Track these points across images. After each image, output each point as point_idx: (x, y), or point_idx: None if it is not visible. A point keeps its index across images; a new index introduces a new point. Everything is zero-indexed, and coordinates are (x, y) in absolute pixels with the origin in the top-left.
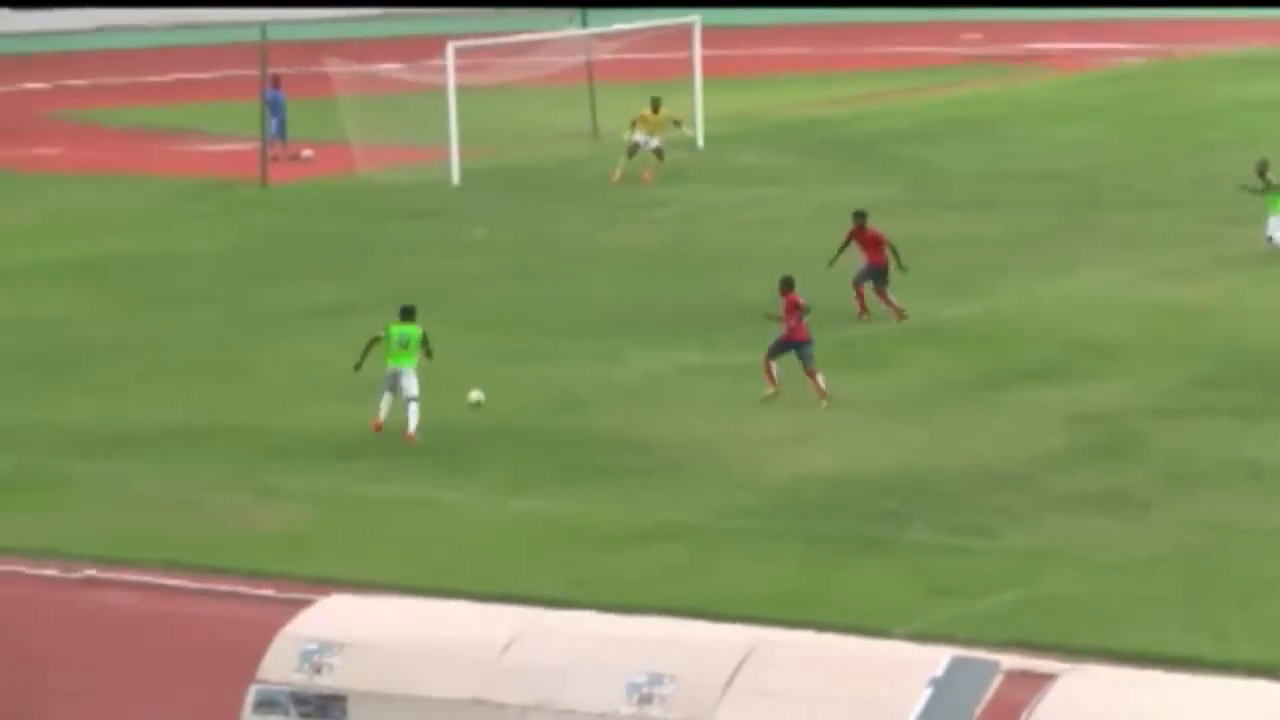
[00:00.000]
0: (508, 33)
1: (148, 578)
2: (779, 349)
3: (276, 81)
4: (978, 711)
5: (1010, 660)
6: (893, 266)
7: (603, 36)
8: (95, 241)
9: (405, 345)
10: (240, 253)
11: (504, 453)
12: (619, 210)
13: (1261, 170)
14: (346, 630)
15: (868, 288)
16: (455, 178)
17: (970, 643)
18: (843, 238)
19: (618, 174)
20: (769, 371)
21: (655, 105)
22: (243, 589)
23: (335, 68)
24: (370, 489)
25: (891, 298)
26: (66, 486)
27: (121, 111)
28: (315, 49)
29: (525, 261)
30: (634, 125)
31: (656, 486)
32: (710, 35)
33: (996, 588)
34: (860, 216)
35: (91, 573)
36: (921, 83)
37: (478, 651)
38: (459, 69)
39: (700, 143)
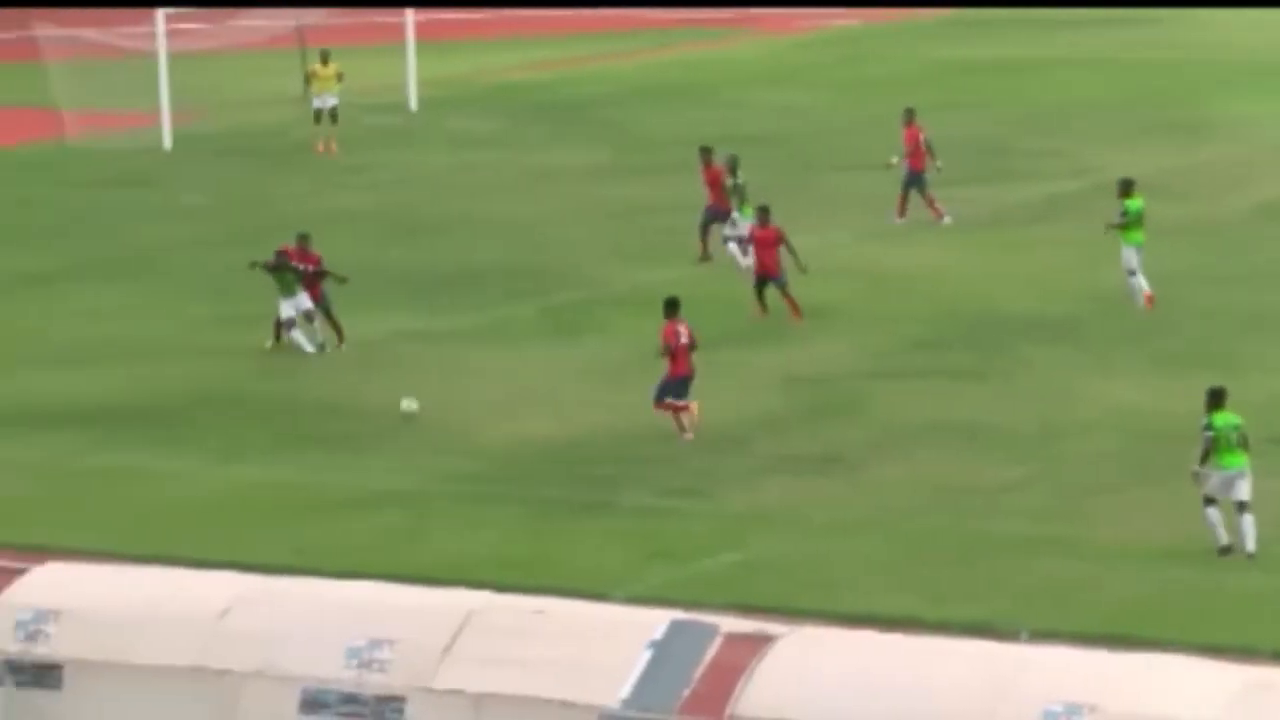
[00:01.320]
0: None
1: None
2: (666, 390)
3: None
4: (697, 674)
5: (729, 623)
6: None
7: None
8: None
9: None
10: None
11: (218, 421)
12: (333, 175)
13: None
14: (62, 599)
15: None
16: (167, 143)
17: (690, 606)
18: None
19: (321, 145)
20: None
21: (324, 58)
22: None
23: (43, 32)
24: (83, 459)
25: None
26: None
27: None
28: (25, 15)
29: (239, 227)
30: (308, 81)
31: (374, 453)
32: None
33: (714, 550)
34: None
35: None
36: (632, 46)
37: (196, 618)
38: (170, 34)
39: (413, 106)
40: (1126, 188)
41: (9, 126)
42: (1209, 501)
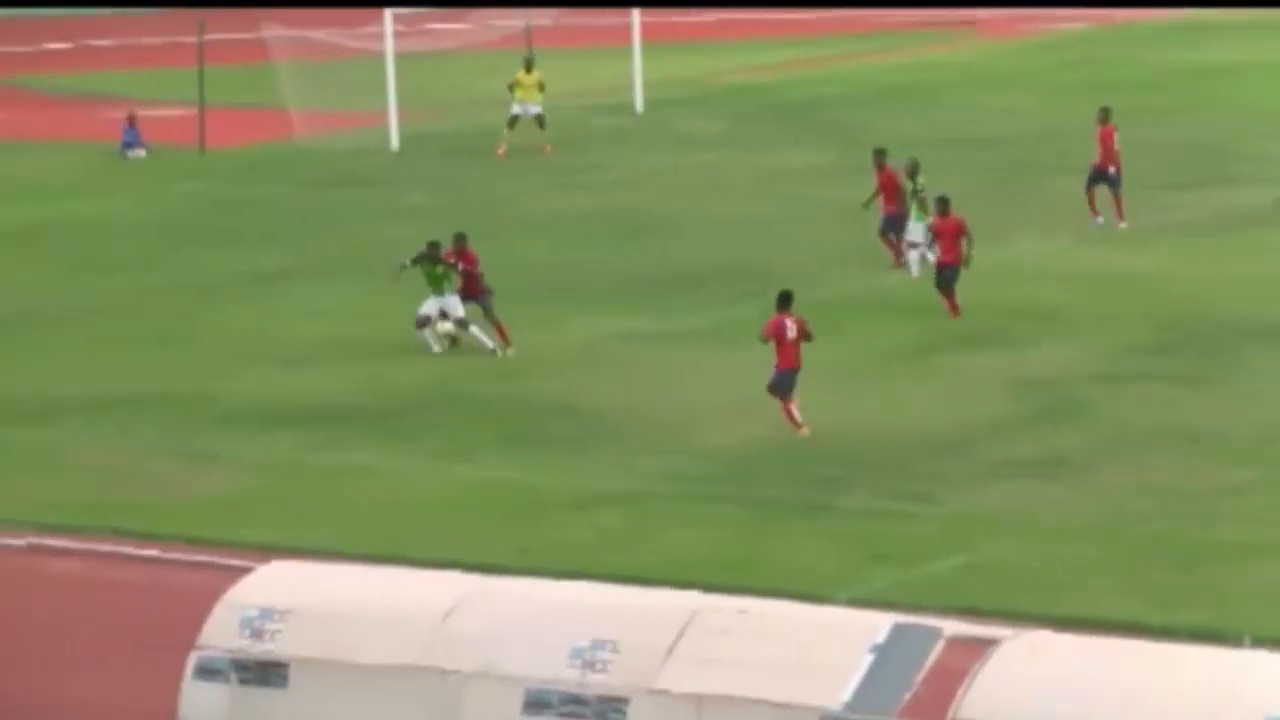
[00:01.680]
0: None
1: (89, 545)
2: (782, 383)
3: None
4: (919, 678)
5: (952, 626)
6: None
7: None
8: (31, 207)
9: None
10: (178, 219)
11: (444, 420)
12: (559, 175)
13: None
14: (288, 597)
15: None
16: (394, 143)
17: (911, 609)
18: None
19: (502, 148)
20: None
21: (528, 65)
22: (183, 556)
23: (272, 33)
24: (311, 456)
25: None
26: (5, 453)
27: (60, 77)
28: (253, 15)
29: (464, 227)
30: (511, 89)
31: (596, 453)
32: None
33: (938, 553)
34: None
35: (33, 540)
36: (858, 48)
37: (420, 618)
38: (398, 34)
39: (640, 108)
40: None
41: (238, 127)
42: None
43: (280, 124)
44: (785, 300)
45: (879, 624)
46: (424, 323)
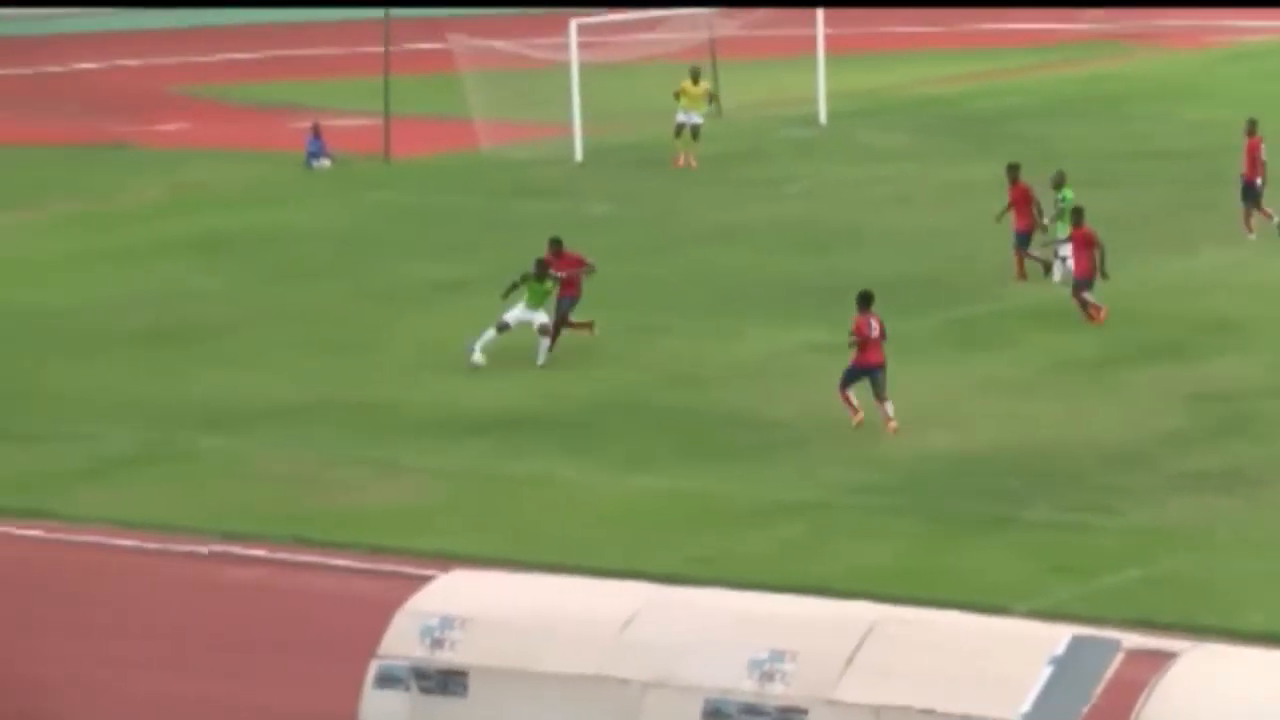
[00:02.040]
0: (631, 9)
1: (271, 553)
2: (852, 376)
3: (318, 130)
4: (1098, 690)
5: (1130, 639)
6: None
7: (726, 13)
8: (220, 216)
9: None
10: (364, 228)
11: (624, 429)
12: (742, 187)
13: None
14: (468, 606)
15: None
16: (578, 154)
17: (1091, 621)
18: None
19: (680, 159)
20: (848, 401)
21: (695, 76)
22: (365, 564)
23: (458, 43)
24: (491, 465)
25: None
26: (191, 461)
27: (247, 87)
28: (438, 25)
29: (647, 238)
30: (678, 97)
31: (777, 464)
32: (832, 12)
33: (1117, 566)
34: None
35: (216, 548)
36: (1042, 60)
37: (599, 627)
38: (582, 46)
39: (823, 119)
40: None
41: (423, 137)
42: None
43: (465, 134)
44: (866, 301)
45: (1058, 636)
46: (503, 328)
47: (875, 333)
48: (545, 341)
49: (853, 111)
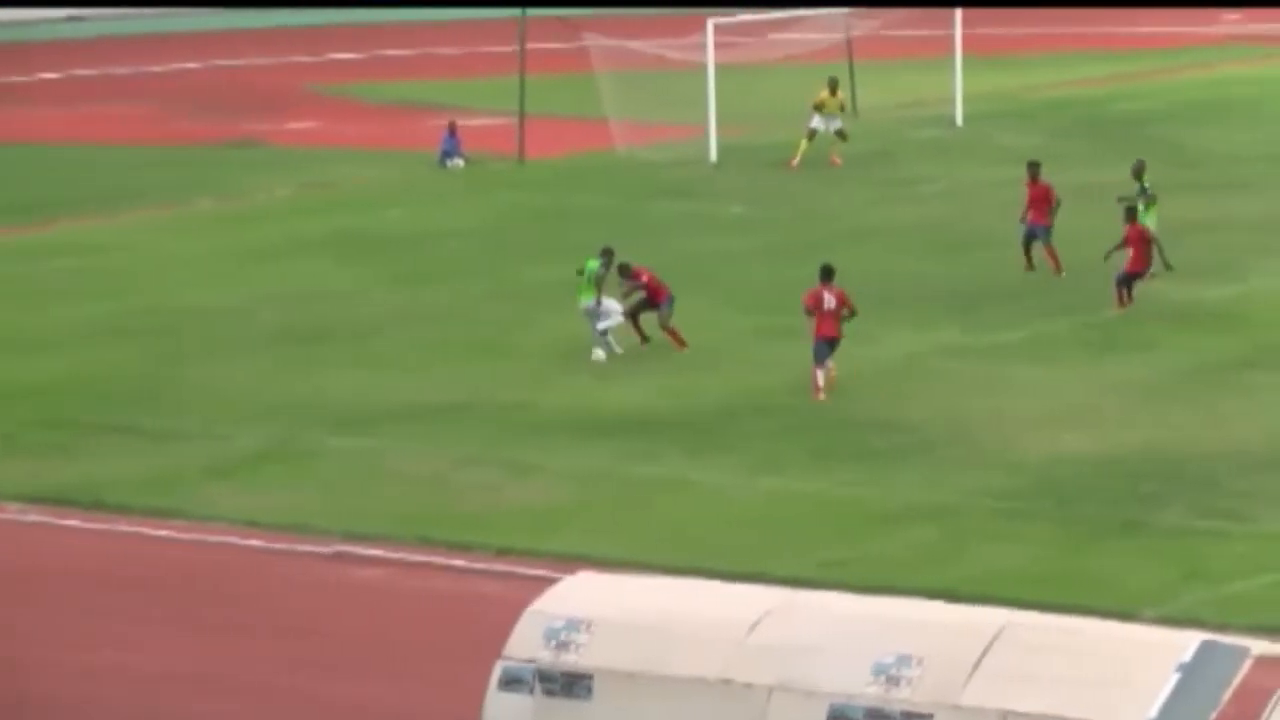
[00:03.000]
0: (767, 9)
1: (397, 554)
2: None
3: (453, 129)
4: (1226, 696)
5: (1260, 645)
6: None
7: (863, 13)
8: (352, 215)
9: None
10: (497, 228)
11: (756, 431)
12: (877, 188)
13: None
14: (593, 608)
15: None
16: (713, 155)
17: (1220, 627)
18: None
19: (797, 159)
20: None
21: (833, 87)
22: (491, 566)
23: (594, 43)
24: (621, 466)
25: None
26: (319, 460)
27: (378, 85)
28: (574, 24)
29: (782, 240)
30: (817, 109)
31: (909, 467)
32: (969, 13)
33: (1250, 572)
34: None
35: (342, 548)
36: (1179, 63)
37: (725, 630)
38: (718, 46)
39: (959, 121)
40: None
41: (558, 137)
42: None
43: (600, 134)
44: (827, 274)
45: (1187, 642)
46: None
47: (830, 305)
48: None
49: (989, 113)
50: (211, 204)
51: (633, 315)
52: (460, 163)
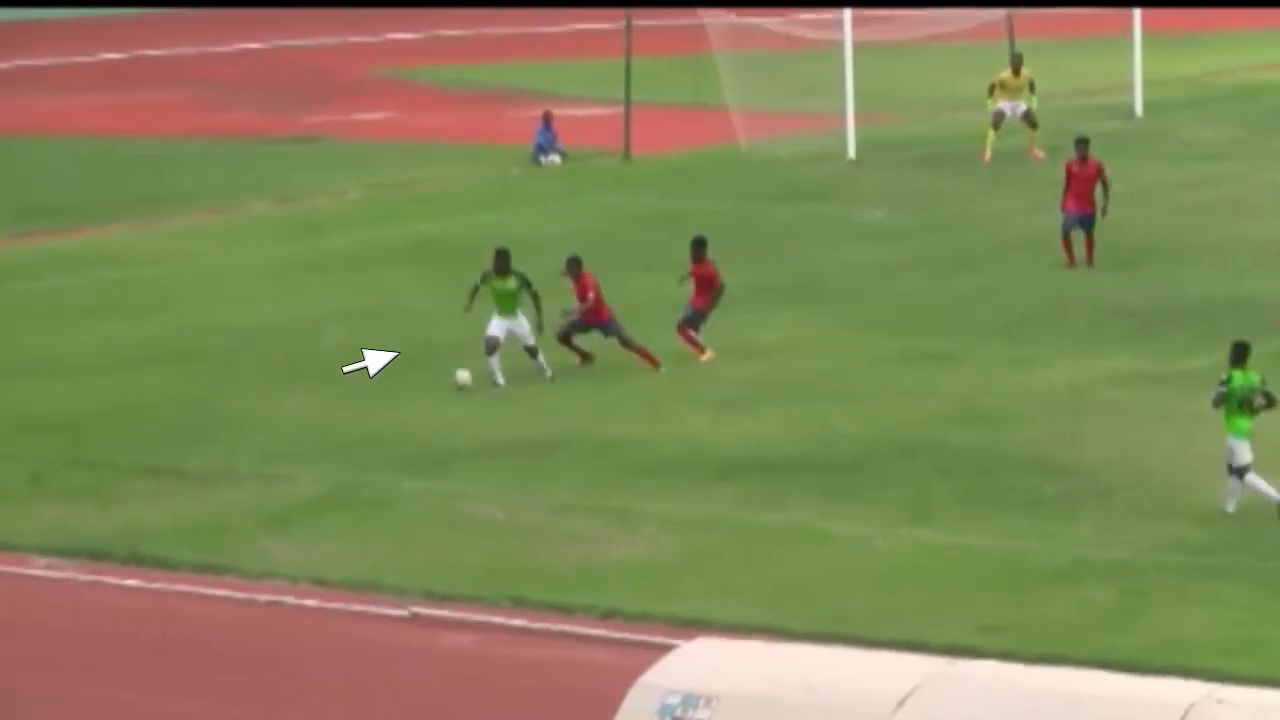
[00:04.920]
0: None
1: (485, 616)
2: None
3: (548, 120)
4: None
5: None
6: None
7: None
8: (431, 220)
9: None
10: (599, 235)
11: (902, 475)
12: (1042, 189)
13: None
14: (715, 680)
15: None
16: (850, 150)
17: None
18: None
19: (987, 154)
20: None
21: (1016, 66)
22: (594, 630)
23: (712, 20)
24: (746, 515)
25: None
26: (392, 507)
27: (459, 69)
28: None
29: (929, 249)
30: (993, 90)
31: (1081, 516)
32: None
33: None
34: None
35: (419, 609)
36: None
37: (869, 707)
38: (856, 23)
39: (1139, 111)
40: None
41: (669, 129)
42: None
43: (719, 127)
44: (699, 247)
45: None
46: (492, 347)
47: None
48: (541, 359)
49: (1174, 102)
50: (268, 207)
51: (564, 337)
52: (556, 159)
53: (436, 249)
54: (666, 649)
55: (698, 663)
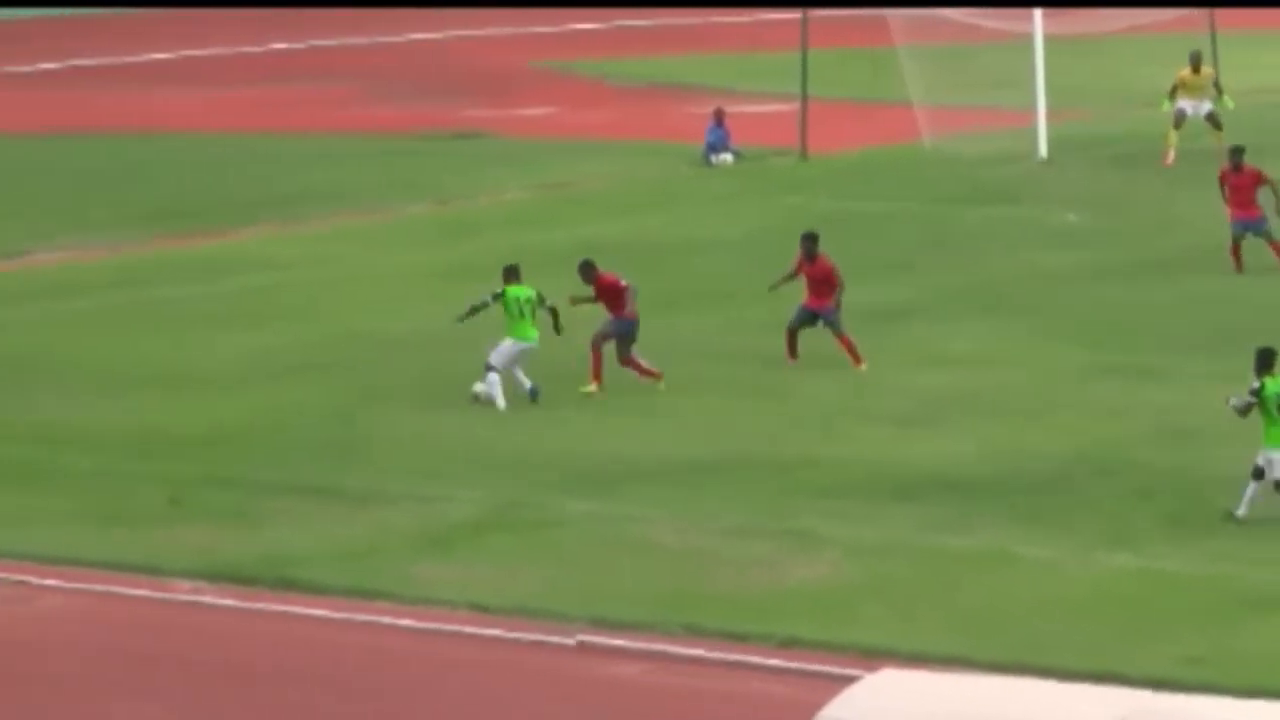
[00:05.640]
0: None
1: (655, 645)
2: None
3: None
4: None
5: None
6: None
7: None
8: (596, 223)
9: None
10: (776, 239)
11: (1100, 496)
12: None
13: None
14: (898, 713)
15: None
16: (1042, 149)
17: None
18: None
19: (1170, 155)
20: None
21: (1195, 64)
22: (771, 660)
23: (893, 10)
24: (931, 538)
25: None
26: (556, 529)
27: (624, 62)
28: None
29: (1131, 255)
30: (1174, 91)
31: None
32: None
33: None
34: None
35: (587, 637)
36: None
37: None
38: (1048, 13)
39: None
40: None
41: (851, 127)
42: None
43: (902, 124)
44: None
45: None
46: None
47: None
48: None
49: None
50: (424, 209)
51: (624, 359)
52: (729, 158)
53: (600, 253)
54: (848, 680)
55: (881, 695)
